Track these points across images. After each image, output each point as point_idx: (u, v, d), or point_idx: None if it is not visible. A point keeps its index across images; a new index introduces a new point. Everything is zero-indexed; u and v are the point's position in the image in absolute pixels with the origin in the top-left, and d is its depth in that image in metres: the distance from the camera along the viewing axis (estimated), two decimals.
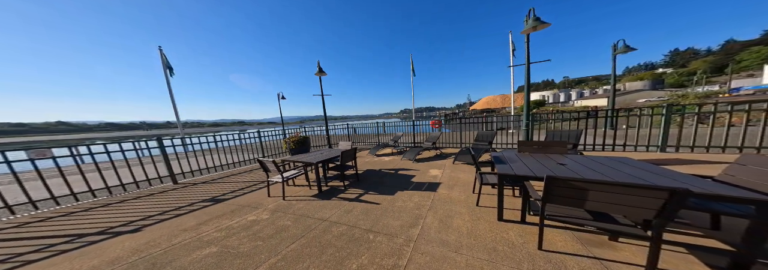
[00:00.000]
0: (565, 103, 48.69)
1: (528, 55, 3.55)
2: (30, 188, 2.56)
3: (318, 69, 5.22)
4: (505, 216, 1.96)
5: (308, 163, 2.95)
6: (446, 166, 4.00)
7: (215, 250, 1.64)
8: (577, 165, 1.95)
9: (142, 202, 2.75)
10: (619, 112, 4.11)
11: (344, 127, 7.57)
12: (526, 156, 2.40)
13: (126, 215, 2.35)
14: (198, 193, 3.05)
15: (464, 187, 2.87)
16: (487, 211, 2.12)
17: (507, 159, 2.27)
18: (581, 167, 1.87)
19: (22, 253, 1.66)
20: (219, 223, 2.10)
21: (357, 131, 7.63)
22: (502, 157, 2.36)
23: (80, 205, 2.71)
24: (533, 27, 3.18)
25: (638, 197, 1.15)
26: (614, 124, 4.17)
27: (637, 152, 3.89)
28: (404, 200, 2.55)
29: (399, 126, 6.86)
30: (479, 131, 5.04)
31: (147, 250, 1.65)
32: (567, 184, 1.29)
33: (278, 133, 5.80)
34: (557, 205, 1.40)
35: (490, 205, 2.25)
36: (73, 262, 1.53)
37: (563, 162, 2.07)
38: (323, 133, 6.51)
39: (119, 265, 1.48)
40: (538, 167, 1.94)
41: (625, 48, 5.50)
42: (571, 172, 1.76)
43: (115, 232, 1.97)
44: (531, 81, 3.85)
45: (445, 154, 5.05)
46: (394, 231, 1.89)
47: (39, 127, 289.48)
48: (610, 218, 1.40)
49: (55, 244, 1.76)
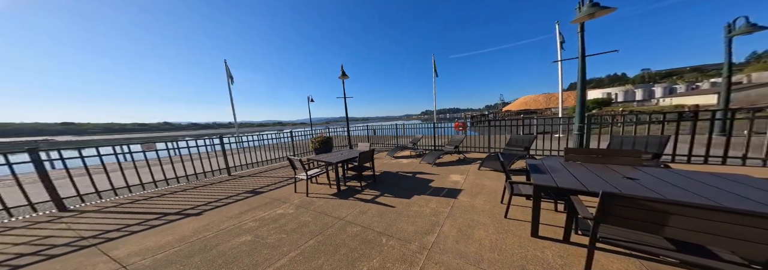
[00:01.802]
0: (645, 101, 38.22)
1: (582, 46, 2.91)
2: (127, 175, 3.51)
3: (341, 72, 5.46)
4: (541, 232, 1.72)
5: (329, 162, 3.15)
6: (470, 172, 3.68)
7: (249, 239, 1.92)
8: (657, 181, 1.53)
9: (206, 190, 3.43)
10: (736, 112, 3.05)
11: (364, 129, 7.75)
12: (575, 166, 2.02)
13: (193, 200, 2.97)
14: (243, 185, 3.61)
15: (490, 196, 2.61)
16: (518, 225, 1.89)
17: (548, 168, 1.94)
18: (663, 184, 1.46)
19: (130, 224, 2.30)
20: (255, 213, 2.45)
21: (376, 133, 7.71)
22: (541, 165, 2.04)
23: (169, 188, 3.56)
24: (589, 14, 2.57)
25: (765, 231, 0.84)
26: (728, 129, 3.07)
27: (764, 168, 2.82)
28: (420, 205, 2.47)
29: (419, 128, 6.67)
30: (513, 135, 4.45)
31: (203, 233, 2.05)
32: (637, 204, 1.03)
33: (307, 133, 6.34)
34: (618, 227, 1.14)
35: (522, 218, 1.99)
36: (158, 235, 2.03)
37: (634, 176, 1.66)
38: (343, 134, 6.83)
39: (184, 243, 1.88)
40: (593, 180, 1.61)
41: (750, 27, 3.93)
42: (646, 189, 1.39)
43: (185, 213, 2.53)
44: (587, 77, 3.15)
45: (469, 159, 4.65)
46: (408, 236, 1.85)
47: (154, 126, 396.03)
48: (705, 251, 1.07)
49: (148, 220, 2.37)
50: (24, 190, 2.62)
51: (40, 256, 1.75)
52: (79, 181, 3.00)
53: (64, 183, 2.92)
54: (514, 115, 28.23)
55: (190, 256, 1.67)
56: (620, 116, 4.20)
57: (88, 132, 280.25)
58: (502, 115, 28.49)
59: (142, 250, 1.79)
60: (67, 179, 2.94)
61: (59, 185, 2.80)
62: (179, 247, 1.80)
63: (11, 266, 1.62)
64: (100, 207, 2.82)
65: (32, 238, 2.05)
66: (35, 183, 2.78)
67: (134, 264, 1.60)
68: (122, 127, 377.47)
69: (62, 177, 2.99)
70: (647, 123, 3.52)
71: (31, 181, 2.80)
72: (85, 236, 2.05)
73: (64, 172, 2.91)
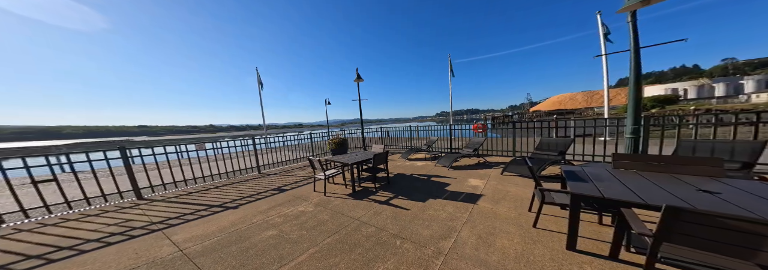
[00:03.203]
0: (729, 98, 30.87)
1: (634, 37, 2.46)
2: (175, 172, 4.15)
3: (357, 76, 5.57)
4: (579, 246, 1.59)
5: (345, 163, 3.30)
6: (491, 177, 3.49)
7: (275, 233, 2.15)
8: (747, 196, 1.30)
9: (241, 186, 3.91)
10: None
11: (378, 130, 7.82)
12: (628, 174, 1.81)
13: (231, 195, 3.41)
14: (270, 183, 4.01)
15: (515, 203, 2.47)
16: (549, 236, 1.77)
17: (591, 176, 1.77)
18: (757, 200, 1.23)
19: (185, 213, 2.76)
20: (280, 210, 2.73)
21: (390, 134, 7.74)
22: (581, 172, 1.87)
23: (213, 183, 4.15)
24: (643, 1, 2.16)
25: None
26: None
27: None
28: (436, 209, 2.45)
29: (434, 130, 6.49)
30: (543, 138, 4.05)
31: (238, 225, 2.36)
32: (719, 223, 0.91)
33: (324, 135, 6.68)
34: (687, 247, 1.02)
35: (555, 229, 1.86)
36: (205, 225, 2.40)
37: (712, 189, 1.43)
38: (359, 136, 6.99)
39: (224, 233, 2.20)
40: (653, 192, 1.43)
41: None
42: (730, 205, 1.20)
43: (225, 206, 2.94)
44: (643, 70, 2.66)
45: (490, 164, 4.41)
46: (423, 240, 1.86)
47: (202, 128, 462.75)
48: None
49: (198, 211, 2.82)
50: (115, 181, 3.34)
51: (124, 236, 2.24)
52: (146, 175, 3.70)
53: (139, 176, 3.63)
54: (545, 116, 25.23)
55: (229, 246, 1.95)
56: (692, 116, 3.42)
57: (157, 133, 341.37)
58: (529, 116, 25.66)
59: (194, 237, 2.15)
60: (142, 173, 3.64)
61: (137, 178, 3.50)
62: (220, 237, 2.11)
63: (106, 243, 2.11)
64: (165, 197, 3.44)
65: (119, 220, 2.63)
66: (122, 175, 3.51)
67: (188, 249, 1.94)
68: (179, 129, 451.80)
69: (139, 171, 3.72)
70: (733, 124, 2.84)
71: (118, 174, 3.57)
72: (154, 221, 2.54)
73: (140, 167, 3.61)
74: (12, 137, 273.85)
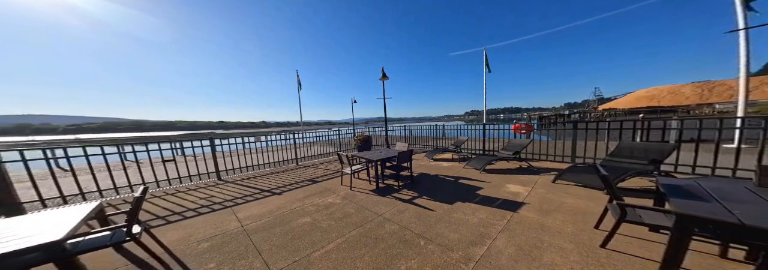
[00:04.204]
0: None
1: None
2: (239, 160, 5.12)
3: (382, 74, 5.46)
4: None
5: (369, 159, 3.43)
6: (538, 184, 3.09)
7: (309, 220, 2.49)
8: None
9: (284, 175, 4.57)
10: None
11: (401, 129, 7.68)
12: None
13: (277, 182, 4.04)
14: (305, 174, 4.55)
15: (573, 216, 2.16)
16: (627, 262, 1.50)
17: (714, 193, 1.41)
18: None
19: (246, 195, 3.46)
20: (313, 199, 3.11)
21: (413, 133, 7.53)
22: (694, 187, 1.51)
23: (264, 171, 5.00)
24: None
25: None
26: None
27: None
28: (464, 213, 2.35)
29: (463, 129, 5.95)
30: (623, 142, 3.24)
31: (281, 210, 2.83)
32: None
33: (350, 132, 7.04)
34: None
35: (638, 253, 1.57)
36: (258, 206, 2.96)
37: None
38: (381, 134, 7.06)
39: (271, 215, 2.66)
40: None
41: None
42: None
43: (272, 192, 3.52)
44: None
45: (536, 169, 3.85)
46: (450, 243, 1.83)
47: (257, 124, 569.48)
48: None
49: (254, 194, 3.48)
50: (206, 164, 4.42)
51: (208, 208, 2.99)
52: (222, 161, 4.74)
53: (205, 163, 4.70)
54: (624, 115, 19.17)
55: (273, 227, 2.38)
56: None
57: (229, 127, 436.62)
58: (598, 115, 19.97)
59: (251, 216, 2.70)
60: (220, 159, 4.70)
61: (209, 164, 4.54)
62: (269, 218, 2.59)
63: (198, 213, 2.87)
64: (234, 179, 4.37)
65: (207, 195, 3.51)
66: (209, 160, 4.61)
67: (247, 225, 2.46)
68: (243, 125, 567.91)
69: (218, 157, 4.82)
70: None
71: (202, 159, 4.76)
72: (227, 199, 3.30)
73: (219, 153, 4.67)
74: (132, 128, 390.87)
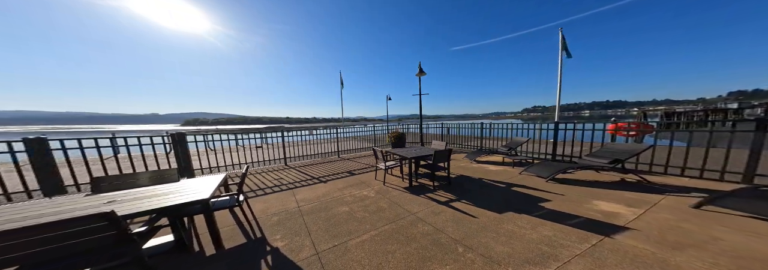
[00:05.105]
0: None
1: None
2: (296, 150, 6.13)
3: (419, 70, 5.04)
4: None
5: (403, 157, 3.46)
6: (659, 206, 2.37)
7: (347, 210, 2.83)
8: None
9: (328, 165, 5.24)
10: None
11: (438, 127, 7.03)
12: None
13: (323, 171, 4.69)
14: (346, 166, 5.05)
15: (735, 261, 1.55)
16: None
17: None
18: None
19: (301, 180, 4.24)
20: (351, 191, 3.48)
21: (450, 132, 6.81)
22: None
23: (313, 160, 5.88)
24: None
25: None
26: None
27: None
28: (519, 225, 2.09)
29: (519, 129, 4.83)
30: None
31: (326, 197, 3.31)
32: None
33: (384, 129, 7.19)
34: None
35: None
36: (310, 191, 3.57)
37: None
38: (415, 131, 6.76)
39: (318, 201, 3.16)
40: None
41: None
42: None
43: (320, 179, 4.15)
44: None
45: (657, 187, 2.90)
46: (496, 257, 1.69)
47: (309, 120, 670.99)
48: None
49: (306, 180, 4.21)
50: (275, 152, 5.67)
51: (279, 188, 3.84)
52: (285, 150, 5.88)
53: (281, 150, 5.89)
54: None
55: (318, 212, 2.85)
56: None
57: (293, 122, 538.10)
58: None
59: (305, 199, 3.31)
60: (283, 148, 5.89)
61: None
62: (316, 203, 3.12)
63: (272, 191, 3.77)
64: (296, 166, 5.41)
65: (277, 177, 4.53)
66: (277, 149, 5.87)
67: (302, 206, 3.05)
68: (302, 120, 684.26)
69: (277, 147, 6.04)
70: None
71: (268, 148, 6.09)
72: (290, 182, 4.15)
73: (281, 143, 5.85)
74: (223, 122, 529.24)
